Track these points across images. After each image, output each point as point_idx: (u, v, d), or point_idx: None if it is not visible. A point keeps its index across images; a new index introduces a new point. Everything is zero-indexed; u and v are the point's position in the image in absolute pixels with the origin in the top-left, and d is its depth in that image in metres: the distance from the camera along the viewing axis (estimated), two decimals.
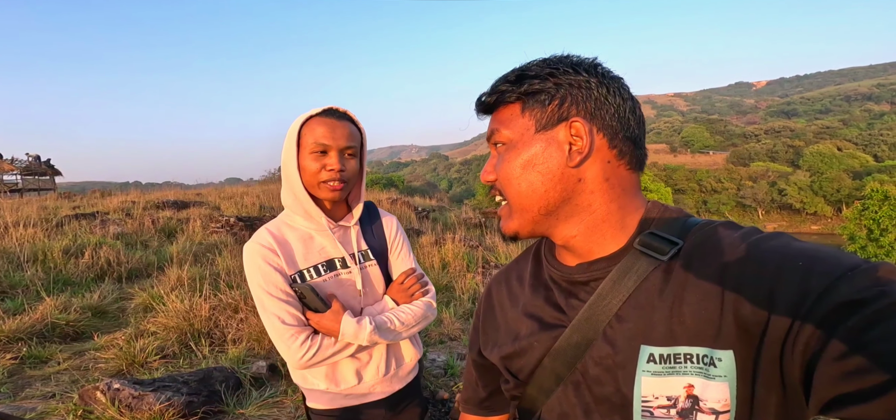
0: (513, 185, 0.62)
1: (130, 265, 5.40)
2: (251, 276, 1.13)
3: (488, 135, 0.65)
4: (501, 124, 0.63)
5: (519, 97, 0.62)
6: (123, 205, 9.24)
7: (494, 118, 0.65)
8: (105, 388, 2.26)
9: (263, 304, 1.11)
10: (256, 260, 1.12)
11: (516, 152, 0.62)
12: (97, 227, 7.07)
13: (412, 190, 31.54)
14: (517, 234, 0.65)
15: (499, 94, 0.63)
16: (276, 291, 1.10)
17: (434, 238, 6.88)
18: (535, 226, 0.64)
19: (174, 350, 3.22)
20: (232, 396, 2.55)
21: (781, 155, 70.79)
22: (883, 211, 27.54)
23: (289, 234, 1.18)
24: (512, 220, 0.65)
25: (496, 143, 0.64)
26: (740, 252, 0.52)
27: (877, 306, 0.41)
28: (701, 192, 70.97)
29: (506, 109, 0.63)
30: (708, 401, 0.52)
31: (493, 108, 0.65)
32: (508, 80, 0.63)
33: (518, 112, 0.62)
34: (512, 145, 0.62)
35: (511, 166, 0.62)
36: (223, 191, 13.25)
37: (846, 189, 47.64)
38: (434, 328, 3.87)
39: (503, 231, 0.67)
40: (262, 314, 1.12)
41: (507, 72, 0.64)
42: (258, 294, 1.11)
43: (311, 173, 1.14)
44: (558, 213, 0.62)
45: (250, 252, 1.14)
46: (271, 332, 1.12)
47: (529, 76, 0.61)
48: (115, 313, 4.16)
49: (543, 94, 0.60)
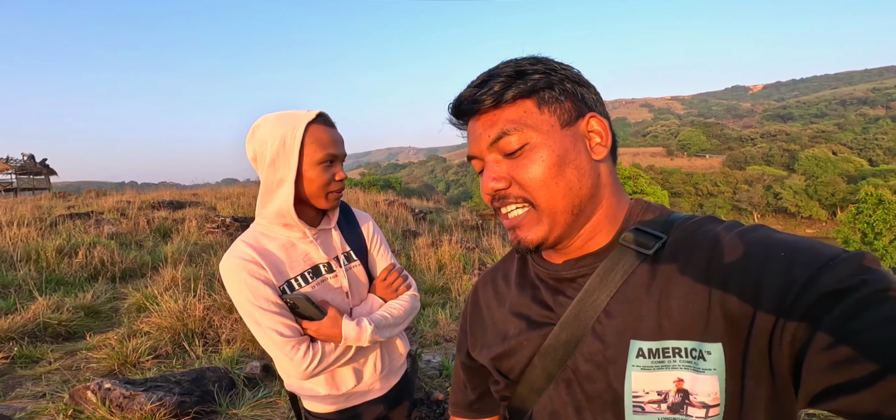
0: (548, 186, 0.57)
1: (124, 265, 5.37)
2: (237, 292, 1.06)
3: (495, 137, 0.58)
4: (518, 124, 0.57)
5: (530, 94, 0.58)
6: (118, 205, 9.19)
7: (501, 119, 0.58)
8: (96, 387, 2.24)
9: (257, 319, 1.05)
10: (241, 275, 1.05)
11: (547, 150, 0.57)
12: (91, 227, 7.03)
13: (409, 192, 31.54)
14: (544, 242, 0.59)
15: (500, 92, 0.57)
16: (267, 305, 1.05)
17: (431, 240, 6.88)
18: (565, 228, 0.59)
19: (167, 350, 3.20)
20: (225, 397, 2.53)
21: (777, 158, 71.21)
22: (877, 215, 27.73)
23: (269, 244, 1.11)
24: (540, 226, 0.59)
25: (516, 147, 0.57)
26: (724, 245, 0.52)
27: (860, 295, 0.41)
28: (697, 196, 71.27)
29: (512, 108, 0.58)
30: (698, 395, 0.51)
31: (489, 108, 0.59)
32: (505, 78, 0.57)
33: (533, 109, 0.58)
34: (539, 144, 0.57)
35: (544, 166, 0.57)
36: (219, 191, 13.20)
37: (841, 193, 47.97)
38: (430, 330, 3.86)
39: (526, 242, 0.60)
40: (257, 330, 1.06)
41: (492, 71, 0.59)
42: (249, 310, 1.05)
43: (318, 184, 1.08)
44: (584, 211, 0.60)
45: (233, 268, 1.06)
46: (270, 347, 1.06)
47: (530, 73, 0.58)
48: (108, 313, 4.13)
49: (555, 89, 0.58)
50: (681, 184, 71.80)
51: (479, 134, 0.60)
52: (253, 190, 13.98)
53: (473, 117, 0.61)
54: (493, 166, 0.60)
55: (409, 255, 6.32)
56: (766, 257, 0.48)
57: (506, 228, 0.62)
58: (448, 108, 0.64)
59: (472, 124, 0.62)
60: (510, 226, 0.61)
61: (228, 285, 1.07)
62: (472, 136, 0.62)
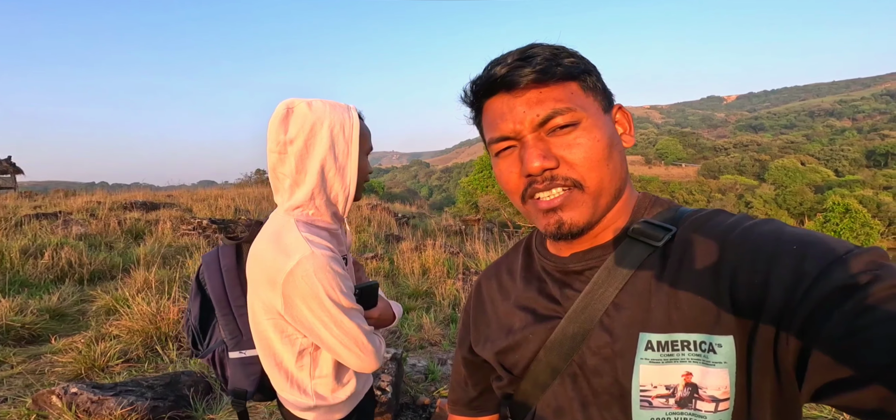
0: (600, 168, 0.55)
1: (93, 267, 5.15)
2: (329, 288, 0.93)
3: (546, 116, 0.54)
4: (567, 101, 0.54)
5: (575, 76, 0.56)
6: (88, 205, 8.83)
7: (549, 97, 0.54)
8: (61, 392, 2.12)
9: (338, 318, 0.96)
10: (333, 268, 0.94)
11: (599, 132, 0.55)
12: (59, 228, 6.73)
13: (392, 196, 31.41)
14: (591, 222, 0.56)
15: (547, 69, 0.54)
16: (353, 300, 1.01)
17: (414, 244, 6.83)
18: (604, 211, 0.57)
19: (138, 354, 3.07)
20: (202, 402, 2.43)
21: (749, 168, 73.62)
22: (844, 223, 28.91)
23: (320, 234, 1.01)
24: (585, 207, 0.56)
25: (564, 124, 0.54)
26: (735, 238, 0.51)
27: (870, 290, 0.40)
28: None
29: (559, 88, 0.55)
30: (707, 388, 0.50)
31: (532, 85, 0.55)
32: (550, 55, 0.55)
33: (579, 91, 0.56)
34: (590, 126, 0.55)
35: (599, 147, 0.54)
36: (196, 193, 12.83)
37: (809, 202, 49.84)
38: (414, 334, 3.81)
39: (571, 224, 0.56)
40: (336, 331, 0.96)
41: (526, 51, 0.56)
42: (331, 309, 0.94)
43: (364, 173, 1.08)
44: (618, 197, 0.59)
45: (321, 264, 0.93)
46: (355, 344, 0.99)
47: (567, 57, 0.56)
48: (75, 316, 3.95)
49: (593, 75, 0.58)
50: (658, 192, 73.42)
51: (521, 112, 0.55)
52: (230, 192, 13.64)
53: (510, 94, 0.56)
54: (537, 144, 0.55)
55: (393, 259, 6.26)
56: (776, 250, 0.47)
57: (540, 212, 0.57)
58: (472, 83, 0.60)
59: (504, 101, 0.57)
60: (550, 207, 0.56)
61: (312, 284, 0.92)
62: (507, 114, 0.56)
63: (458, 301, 4.66)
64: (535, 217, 0.59)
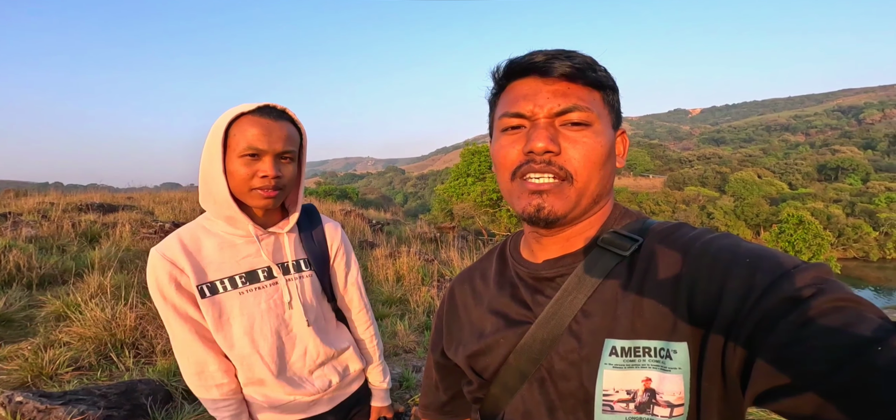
0: (594, 169, 0.59)
1: (43, 271, 4.83)
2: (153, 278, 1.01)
3: (566, 108, 0.58)
4: (588, 103, 0.59)
5: (601, 87, 0.60)
6: (40, 206, 8.30)
7: (573, 93, 0.58)
8: (6, 400, 1.97)
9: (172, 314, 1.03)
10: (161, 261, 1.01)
11: (604, 139, 0.59)
12: (7, 229, 6.30)
13: (367, 202, 31.10)
14: (567, 215, 0.59)
15: (581, 69, 0.58)
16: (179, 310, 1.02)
17: (389, 251, 6.76)
18: (583, 211, 0.61)
19: (91, 362, 2.89)
20: (160, 411, 2.31)
21: (711, 180, 76.76)
22: (797, 234, 30.52)
23: (206, 240, 1.04)
24: (568, 199, 0.59)
25: (577, 121, 0.58)
26: (696, 249, 0.54)
27: (815, 303, 0.43)
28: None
29: (586, 90, 0.59)
30: (664, 394, 0.53)
31: (562, 77, 0.58)
32: (585, 61, 0.59)
33: (600, 101, 0.60)
34: (599, 130, 0.59)
35: (600, 151, 0.58)
36: (158, 195, 12.29)
37: (764, 214, 52.22)
38: (389, 341, 3.76)
39: (550, 210, 0.59)
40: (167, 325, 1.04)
41: (565, 51, 0.59)
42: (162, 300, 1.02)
43: (240, 179, 1.00)
44: (597, 204, 0.62)
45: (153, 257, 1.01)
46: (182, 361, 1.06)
47: (600, 69, 0.60)
48: (22, 322, 3.68)
49: (616, 94, 0.63)
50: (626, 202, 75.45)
51: (544, 98, 0.58)
52: (195, 195, 13.15)
53: (541, 79, 0.59)
54: (548, 128, 0.58)
55: (367, 266, 6.17)
56: (731, 262, 0.50)
57: (526, 191, 0.60)
58: (509, 61, 0.62)
59: (533, 84, 0.60)
60: (536, 189, 0.59)
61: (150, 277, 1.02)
62: (530, 96, 0.59)
63: (433, 308, 4.64)
64: (519, 196, 0.61)
